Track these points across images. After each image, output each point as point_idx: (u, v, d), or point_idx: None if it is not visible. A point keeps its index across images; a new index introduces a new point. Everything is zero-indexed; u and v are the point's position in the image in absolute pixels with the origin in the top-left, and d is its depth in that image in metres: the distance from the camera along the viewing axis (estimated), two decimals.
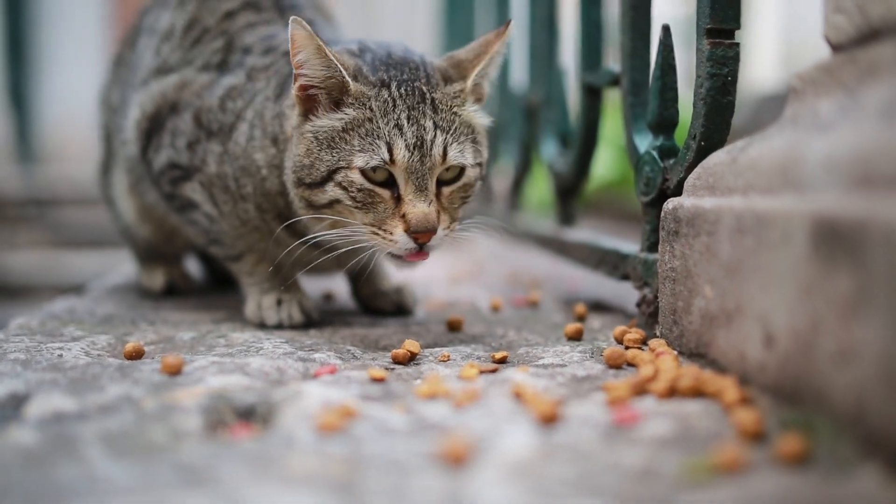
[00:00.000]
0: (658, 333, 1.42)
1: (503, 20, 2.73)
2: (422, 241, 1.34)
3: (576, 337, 1.49)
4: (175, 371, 1.19)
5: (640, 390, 1.11)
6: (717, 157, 1.28)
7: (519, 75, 2.52)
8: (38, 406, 1.03)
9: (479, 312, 1.81)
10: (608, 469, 0.84)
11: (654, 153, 1.48)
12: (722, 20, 1.33)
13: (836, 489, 0.80)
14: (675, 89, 1.47)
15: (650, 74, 1.57)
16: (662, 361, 1.19)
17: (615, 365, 1.27)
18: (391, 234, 1.35)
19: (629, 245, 1.65)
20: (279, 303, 1.59)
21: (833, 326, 0.89)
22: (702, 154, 1.36)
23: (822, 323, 0.91)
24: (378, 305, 1.75)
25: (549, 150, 2.14)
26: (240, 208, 1.57)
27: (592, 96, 1.87)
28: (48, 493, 0.79)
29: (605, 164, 4.32)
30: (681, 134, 1.47)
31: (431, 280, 2.26)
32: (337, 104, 1.38)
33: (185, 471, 0.84)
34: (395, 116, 1.35)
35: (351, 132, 1.36)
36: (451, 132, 1.38)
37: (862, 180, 0.89)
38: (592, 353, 1.36)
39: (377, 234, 1.36)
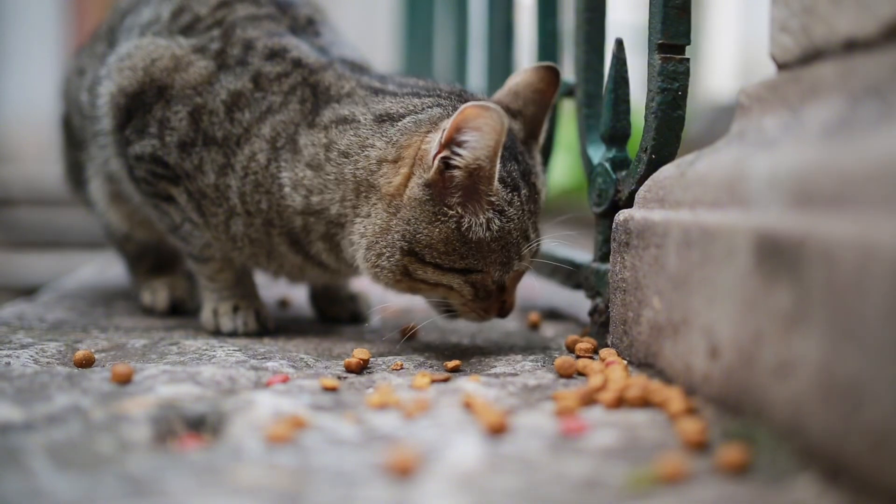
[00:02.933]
0: (609, 343, 1.44)
1: (463, 29, 2.75)
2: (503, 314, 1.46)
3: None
4: (125, 380, 1.18)
5: (589, 400, 1.12)
6: (666, 171, 1.30)
7: (477, 81, 2.53)
8: None
9: (434, 320, 1.81)
10: (554, 480, 0.86)
11: (607, 165, 1.50)
12: (673, 36, 1.35)
13: (774, 498, 0.82)
14: (627, 102, 1.50)
15: (603, 87, 1.59)
16: (612, 371, 1.20)
17: (566, 374, 1.29)
18: (488, 313, 1.43)
19: (583, 255, 1.67)
20: (236, 310, 1.58)
21: (773, 340, 0.92)
22: (653, 167, 1.39)
23: (764, 336, 0.93)
24: (335, 312, 1.76)
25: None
26: (236, 222, 1.50)
27: None
28: None
29: (563, 170, 4.36)
30: (633, 146, 1.49)
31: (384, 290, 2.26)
32: (471, 197, 1.33)
33: (130, 483, 0.83)
34: (526, 227, 1.39)
35: (495, 242, 1.35)
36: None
37: (802, 198, 0.92)
38: (544, 362, 1.38)
39: (474, 310, 1.42)
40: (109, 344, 1.47)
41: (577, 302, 2.05)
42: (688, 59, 1.37)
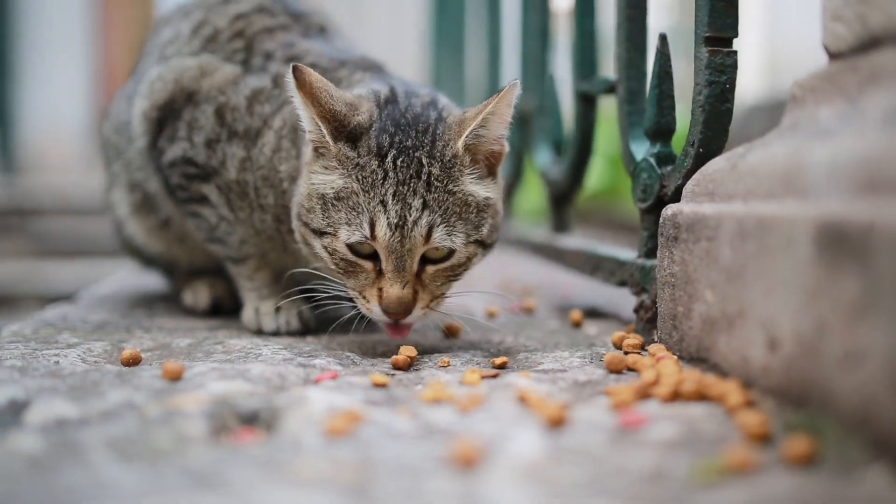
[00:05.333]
0: (656, 339, 1.43)
1: (496, 31, 2.74)
2: (394, 318, 1.33)
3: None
4: (176, 377, 1.18)
5: (644, 394, 1.11)
6: (716, 164, 1.29)
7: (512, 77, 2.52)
8: (40, 412, 1.02)
9: (474, 320, 1.81)
10: (618, 471, 0.84)
11: (652, 160, 1.49)
12: (720, 28, 1.34)
13: (845, 489, 0.80)
14: (672, 97, 1.48)
15: (646, 83, 1.58)
16: (664, 366, 1.19)
17: (616, 370, 1.27)
18: (369, 302, 1.34)
19: (626, 251, 1.66)
20: (277, 310, 1.59)
21: (839, 329, 0.90)
22: (700, 161, 1.37)
23: (828, 326, 0.92)
24: None
25: (543, 158, 2.14)
26: (256, 217, 1.55)
27: (587, 104, 1.88)
28: (55, 499, 0.78)
29: (595, 174, 4.34)
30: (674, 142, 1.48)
31: None
32: (326, 166, 1.34)
33: (193, 475, 0.83)
34: (383, 192, 1.30)
35: (341, 201, 1.32)
36: (440, 212, 1.31)
37: (867, 185, 0.90)
38: (592, 359, 1.36)
39: (358, 297, 1.36)
40: (154, 343, 1.47)
41: (618, 299, 2.04)
42: (735, 52, 1.36)
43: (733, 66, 1.35)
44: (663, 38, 1.48)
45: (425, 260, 1.34)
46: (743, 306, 1.10)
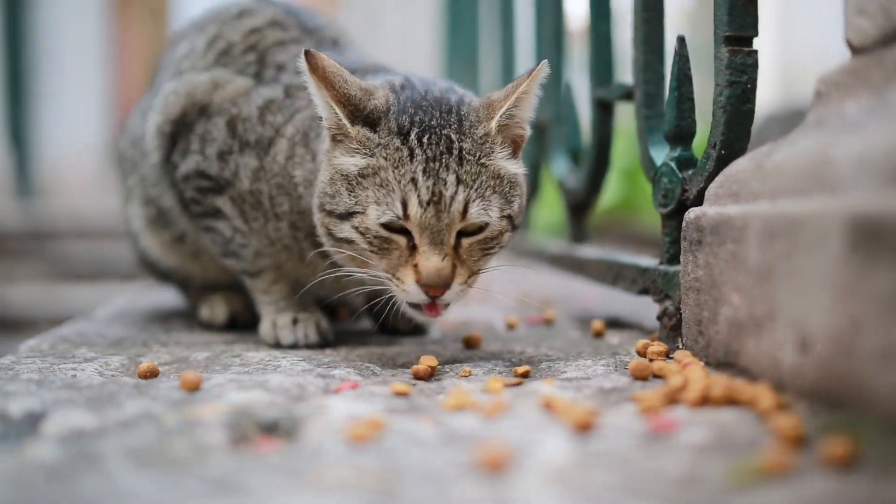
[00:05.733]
0: (681, 345, 1.40)
1: (509, 38, 2.73)
2: (433, 294, 1.28)
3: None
4: (194, 387, 1.16)
5: (672, 400, 1.08)
6: (740, 164, 1.26)
7: None
8: (57, 423, 1.00)
9: (494, 331, 1.79)
10: (651, 475, 0.82)
11: (672, 164, 1.47)
12: (740, 27, 1.32)
13: (886, 492, 0.77)
14: (691, 100, 1.46)
15: (664, 87, 1.57)
16: (691, 371, 1.16)
17: (641, 377, 1.25)
18: (403, 282, 1.29)
19: (647, 259, 1.63)
20: (295, 322, 1.57)
21: (875, 326, 0.87)
22: (722, 163, 1.35)
23: (864, 323, 0.89)
24: (394, 324, 1.73)
25: (560, 168, 2.12)
26: (271, 227, 1.54)
27: (604, 111, 1.86)
28: None
29: (609, 188, 4.30)
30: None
31: None
32: (348, 149, 1.32)
33: (213, 483, 0.81)
34: (412, 169, 1.27)
35: (367, 179, 1.30)
36: (475, 187, 1.29)
37: None
38: (616, 367, 1.34)
39: (391, 280, 1.31)
40: (171, 357, 1.46)
41: (639, 309, 2.01)
42: (756, 52, 1.33)
43: (754, 66, 1.33)
44: (682, 40, 1.46)
45: (460, 233, 1.31)
46: (772, 308, 1.08)
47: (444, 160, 1.29)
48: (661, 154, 1.53)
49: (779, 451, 0.85)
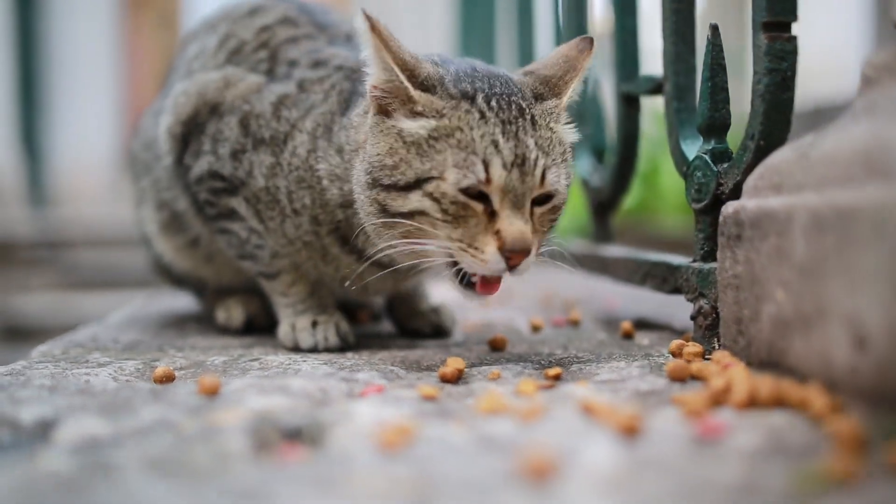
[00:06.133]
0: (717, 346, 1.34)
1: (526, 29, 2.68)
2: (514, 262, 1.21)
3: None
4: (213, 392, 1.11)
5: (716, 402, 1.02)
6: (781, 155, 1.20)
7: None
8: (70, 430, 0.95)
9: (518, 332, 1.73)
10: (705, 483, 0.76)
11: (707, 157, 1.41)
12: (779, 12, 1.26)
13: None
14: (726, 90, 1.41)
15: (695, 78, 1.51)
16: (734, 372, 1.10)
17: (679, 378, 1.19)
18: (482, 251, 1.21)
19: (678, 257, 1.57)
20: (314, 325, 1.52)
21: None
22: (761, 154, 1.29)
23: None
24: (415, 326, 1.68)
25: (584, 166, 2.06)
26: (289, 224, 1.48)
27: (630, 106, 1.81)
28: None
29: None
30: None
31: (463, 303, 2.18)
32: (412, 112, 1.26)
33: (237, 493, 0.76)
34: (490, 131, 1.22)
35: (440, 141, 1.23)
36: (549, 153, 1.25)
37: None
38: (651, 369, 1.28)
39: (466, 250, 1.22)
40: (188, 362, 1.41)
41: (666, 309, 1.95)
42: (795, 38, 1.28)
43: (794, 52, 1.27)
44: (715, 29, 1.40)
45: (532, 202, 1.25)
46: (822, 304, 1.02)
47: (519, 123, 1.24)
48: (694, 148, 1.47)
49: (841, 456, 0.79)
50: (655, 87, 1.66)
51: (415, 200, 1.24)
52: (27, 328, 4.76)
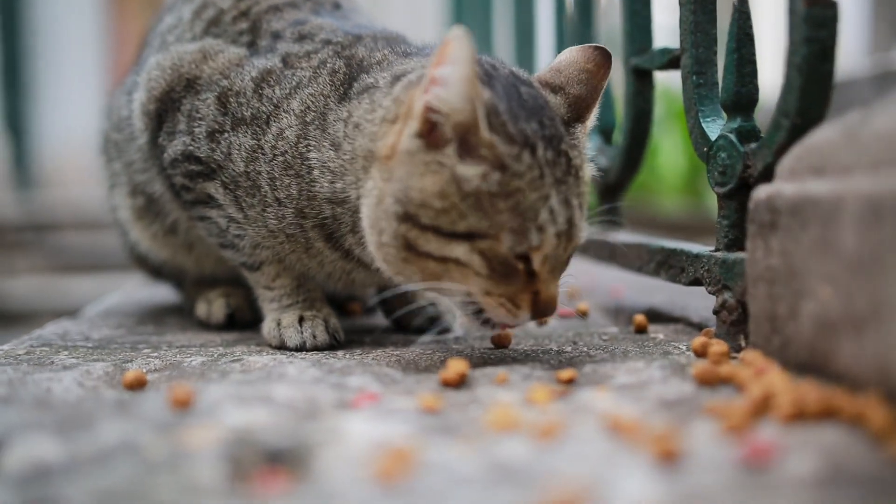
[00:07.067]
0: (744, 344, 1.22)
1: (525, 6, 2.54)
2: (542, 322, 1.20)
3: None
4: (185, 404, 0.98)
5: (756, 413, 0.90)
6: (823, 134, 1.08)
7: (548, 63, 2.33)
8: (18, 455, 0.82)
9: (523, 326, 1.60)
10: None
11: (732, 136, 1.28)
12: None
13: None
14: (754, 62, 1.27)
15: (716, 50, 1.38)
16: (774, 379, 0.98)
17: (708, 383, 1.07)
18: (519, 307, 1.17)
19: (697, 245, 1.45)
20: (301, 321, 1.39)
21: None
22: (795, 133, 1.16)
23: None
24: (411, 321, 1.55)
25: (589, 146, 1.93)
26: (270, 214, 1.34)
27: (642, 81, 1.68)
28: None
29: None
30: None
31: None
32: (466, 148, 1.12)
33: None
34: (546, 193, 1.12)
35: (500, 200, 1.11)
36: (584, 208, 1.19)
37: None
38: (673, 370, 1.16)
39: (503, 305, 1.16)
40: (163, 363, 1.28)
41: (678, 299, 1.84)
42: (836, 3, 1.14)
43: (834, 19, 1.14)
44: None
45: None
46: (879, 303, 0.89)
47: (570, 182, 1.16)
48: (717, 126, 1.34)
49: None
50: (671, 61, 1.52)
51: (459, 251, 1.13)
52: (13, 312, 4.65)
